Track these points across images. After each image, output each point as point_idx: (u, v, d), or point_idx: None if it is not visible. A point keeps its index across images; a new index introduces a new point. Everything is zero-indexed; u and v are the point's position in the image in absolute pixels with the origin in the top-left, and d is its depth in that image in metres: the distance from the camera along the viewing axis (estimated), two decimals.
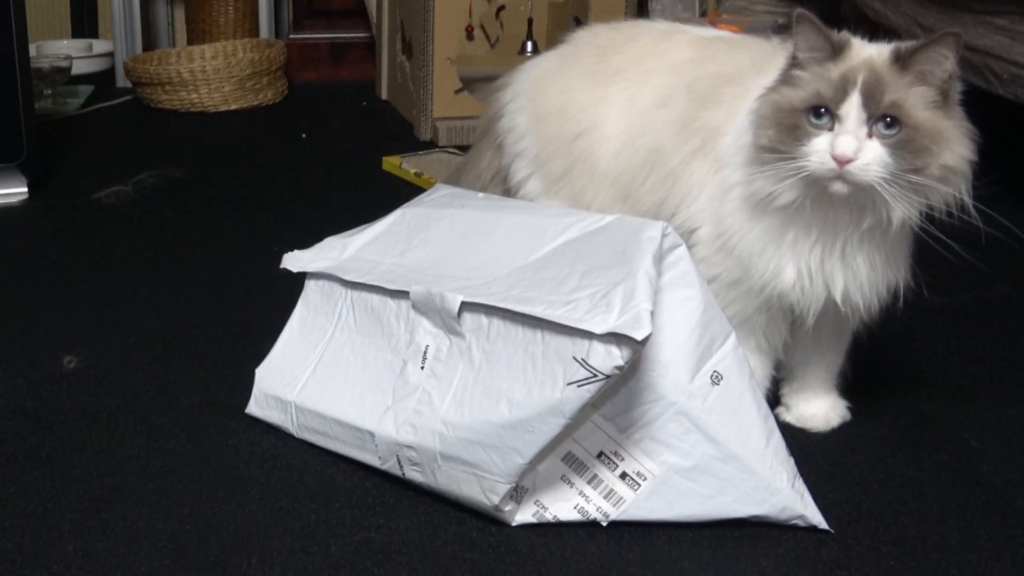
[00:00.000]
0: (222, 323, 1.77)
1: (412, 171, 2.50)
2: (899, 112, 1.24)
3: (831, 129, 1.26)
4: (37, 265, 2.01)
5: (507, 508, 1.25)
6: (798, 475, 1.28)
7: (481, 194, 1.53)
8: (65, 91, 3.09)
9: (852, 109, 1.25)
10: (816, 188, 1.28)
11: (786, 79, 1.31)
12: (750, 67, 1.44)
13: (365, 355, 1.39)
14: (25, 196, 2.31)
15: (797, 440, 1.42)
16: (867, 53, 1.29)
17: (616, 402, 1.24)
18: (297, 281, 1.51)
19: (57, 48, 3.33)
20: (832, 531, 1.27)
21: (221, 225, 2.22)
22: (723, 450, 1.24)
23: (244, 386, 1.50)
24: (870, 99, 1.25)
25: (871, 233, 1.32)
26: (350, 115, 3.10)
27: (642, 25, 1.62)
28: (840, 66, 1.28)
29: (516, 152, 1.62)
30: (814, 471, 1.36)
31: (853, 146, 1.24)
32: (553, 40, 3.13)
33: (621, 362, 1.14)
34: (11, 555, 1.20)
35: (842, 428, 1.49)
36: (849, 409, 1.50)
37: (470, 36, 3.17)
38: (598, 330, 1.15)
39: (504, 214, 1.40)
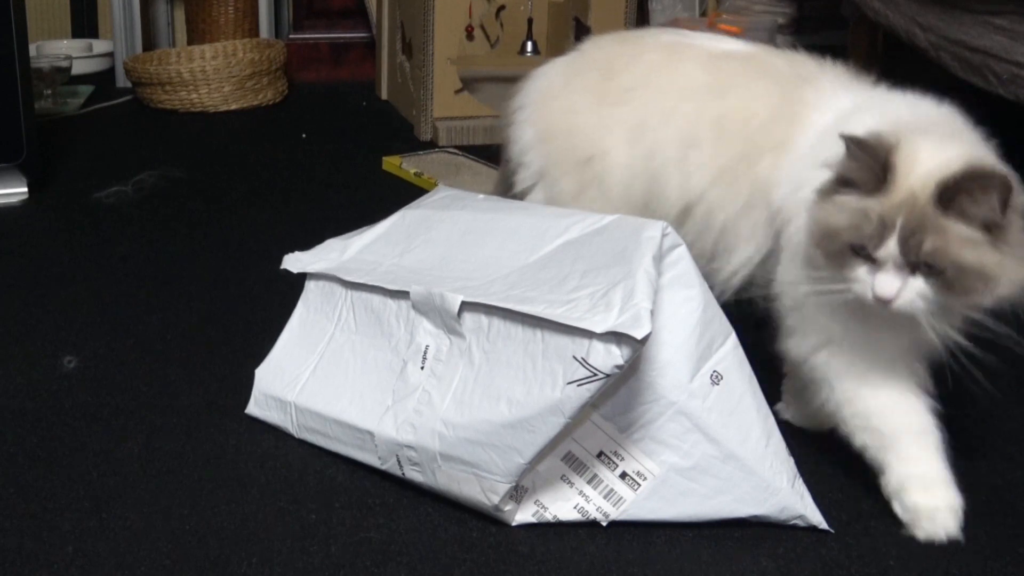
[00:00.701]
0: (222, 323, 1.77)
1: (412, 171, 2.50)
2: (940, 258, 1.17)
3: (874, 262, 1.21)
4: (37, 265, 2.01)
5: (507, 508, 1.25)
6: (798, 475, 1.28)
7: (481, 195, 1.53)
8: (65, 91, 3.08)
9: (890, 255, 1.19)
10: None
11: (832, 196, 1.24)
12: (780, 102, 1.37)
13: (365, 355, 1.39)
14: (25, 196, 2.31)
15: (797, 440, 1.42)
16: (911, 184, 1.19)
17: (616, 402, 1.24)
18: (297, 281, 1.51)
19: (57, 48, 3.33)
20: (832, 531, 1.27)
21: (221, 225, 2.22)
22: (723, 450, 1.24)
23: (244, 386, 1.50)
24: (907, 246, 1.18)
25: None
26: (350, 115, 3.10)
27: (649, 37, 1.57)
28: (883, 202, 1.19)
29: (520, 162, 1.59)
30: (814, 471, 1.36)
31: (894, 287, 1.19)
32: (553, 40, 3.15)
33: (621, 361, 1.14)
34: (11, 555, 1.20)
35: None
36: None
37: (470, 36, 3.17)
38: (598, 329, 1.15)
39: (504, 215, 1.40)
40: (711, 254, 1.42)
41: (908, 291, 1.19)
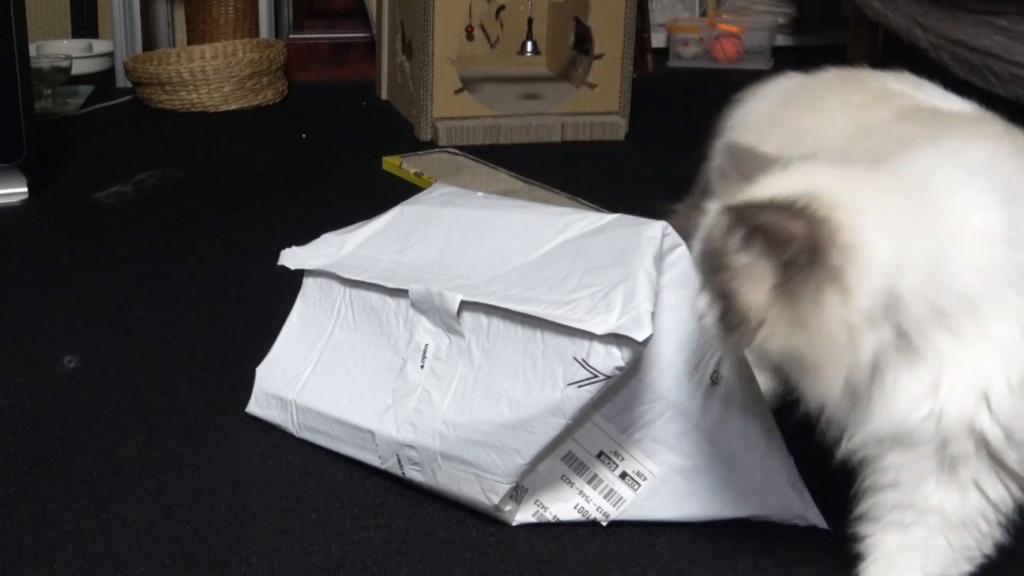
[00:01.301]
0: (222, 323, 1.77)
1: (412, 171, 2.50)
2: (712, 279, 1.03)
3: None
4: (37, 265, 2.01)
5: (507, 508, 1.25)
6: (798, 475, 1.28)
7: (480, 193, 1.53)
8: (65, 91, 3.09)
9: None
10: None
11: None
12: None
13: (365, 353, 1.39)
14: (25, 196, 2.31)
15: (797, 440, 1.42)
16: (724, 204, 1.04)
17: (616, 402, 1.24)
18: (297, 280, 1.51)
19: (57, 48, 3.33)
20: (832, 531, 1.27)
21: (221, 225, 2.22)
22: (723, 450, 1.24)
23: (244, 386, 1.50)
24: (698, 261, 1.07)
25: None
26: (350, 115, 3.10)
27: (873, 80, 1.35)
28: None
29: (716, 168, 1.50)
30: (814, 471, 1.36)
31: (704, 302, 1.05)
32: (553, 40, 3.14)
33: (622, 363, 1.14)
34: (11, 555, 1.20)
35: None
36: None
37: (470, 36, 3.17)
38: (598, 331, 1.14)
39: (503, 212, 1.40)
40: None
41: (713, 312, 1.03)
